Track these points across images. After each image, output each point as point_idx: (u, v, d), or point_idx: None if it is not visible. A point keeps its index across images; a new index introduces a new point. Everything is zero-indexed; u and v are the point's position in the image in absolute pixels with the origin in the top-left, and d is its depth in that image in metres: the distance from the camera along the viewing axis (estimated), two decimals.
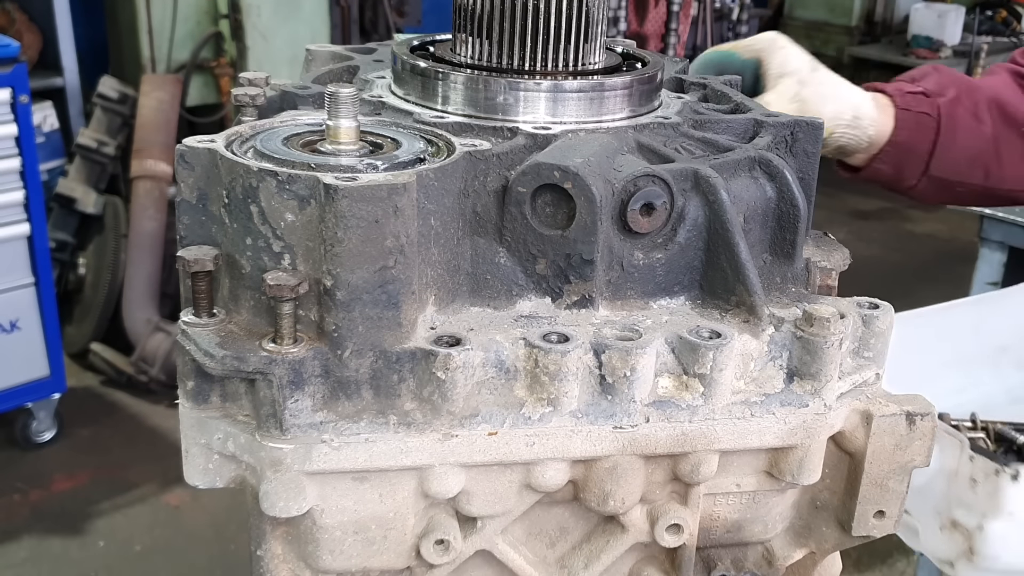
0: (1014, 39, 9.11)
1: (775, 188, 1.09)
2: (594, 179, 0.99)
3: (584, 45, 1.14)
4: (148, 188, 4.98)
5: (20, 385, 4.26)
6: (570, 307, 1.04)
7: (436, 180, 0.96)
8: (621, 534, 1.07)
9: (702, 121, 1.18)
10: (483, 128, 1.08)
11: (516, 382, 0.98)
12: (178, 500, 4.11)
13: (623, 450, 1.00)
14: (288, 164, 0.95)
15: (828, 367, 1.03)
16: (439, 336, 0.96)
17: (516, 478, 1.01)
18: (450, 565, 1.04)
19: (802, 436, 1.04)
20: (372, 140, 1.03)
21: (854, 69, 9.18)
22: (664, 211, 1.03)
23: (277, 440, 0.94)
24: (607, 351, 0.97)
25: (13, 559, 3.77)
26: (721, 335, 1.00)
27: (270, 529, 1.02)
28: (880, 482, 1.10)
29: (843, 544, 1.16)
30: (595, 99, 1.12)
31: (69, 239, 5.05)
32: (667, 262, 1.06)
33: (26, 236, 4.15)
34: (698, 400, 1.00)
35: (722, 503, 1.11)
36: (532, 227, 1.01)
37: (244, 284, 0.96)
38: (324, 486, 0.97)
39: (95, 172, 5.06)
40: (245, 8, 5.23)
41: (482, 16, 1.12)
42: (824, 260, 1.16)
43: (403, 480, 0.98)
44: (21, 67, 4.03)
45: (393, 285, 0.92)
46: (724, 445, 1.02)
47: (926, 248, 7.50)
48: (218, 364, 0.92)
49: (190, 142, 0.98)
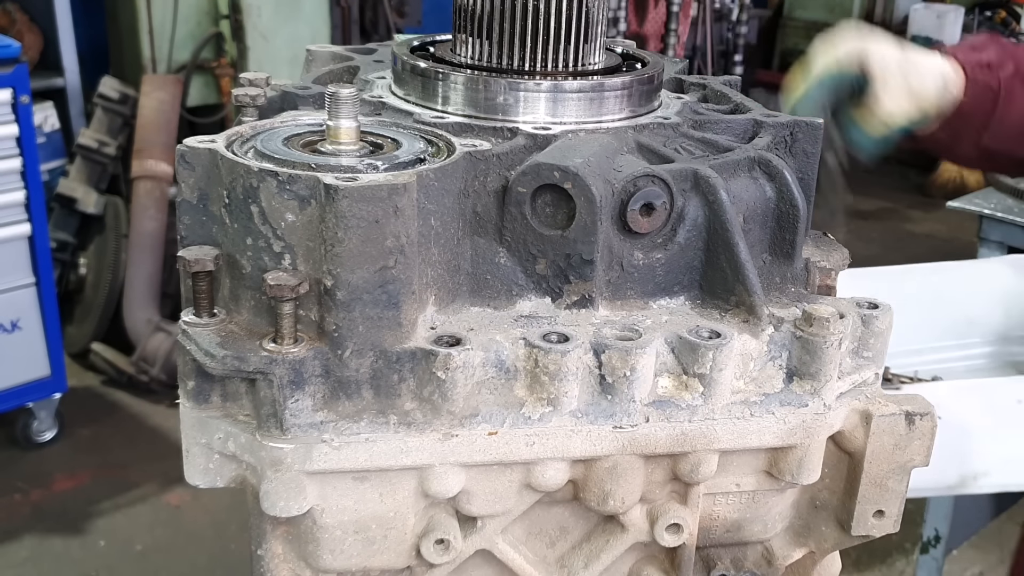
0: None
1: (774, 188, 1.10)
2: (594, 179, 0.99)
3: (584, 45, 1.14)
4: (149, 188, 4.98)
5: (21, 385, 4.26)
6: (570, 307, 1.04)
7: (436, 180, 0.96)
8: (621, 533, 1.08)
9: (702, 121, 1.19)
10: (483, 128, 1.09)
11: (516, 382, 0.99)
12: (179, 500, 4.11)
13: (623, 450, 1.00)
14: (288, 164, 0.95)
15: (827, 367, 1.03)
16: (439, 336, 0.97)
17: (516, 478, 1.01)
18: (450, 564, 1.04)
19: (801, 436, 1.04)
20: (372, 140, 1.04)
21: None
22: (664, 211, 1.04)
23: (278, 440, 0.94)
24: (607, 351, 0.98)
25: (14, 559, 3.78)
26: (721, 335, 1.00)
27: (271, 528, 1.02)
28: (879, 482, 1.10)
29: (842, 543, 1.16)
30: (595, 99, 1.13)
31: (70, 239, 5.05)
32: (667, 262, 1.06)
33: (27, 236, 4.15)
34: (698, 400, 1.01)
35: (722, 503, 1.11)
36: (532, 227, 1.02)
37: (245, 284, 0.97)
38: (324, 486, 0.97)
39: (96, 172, 5.06)
40: (246, 8, 5.23)
41: (482, 17, 1.12)
42: (823, 260, 1.16)
43: (403, 480, 0.98)
44: (22, 67, 4.03)
45: (393, 285, 0.92)
46: (724, 445, 1.02)
47: (925, 248, 7.49)
48: (219, 364, 0.93)
49: (191, 142, 0.98)
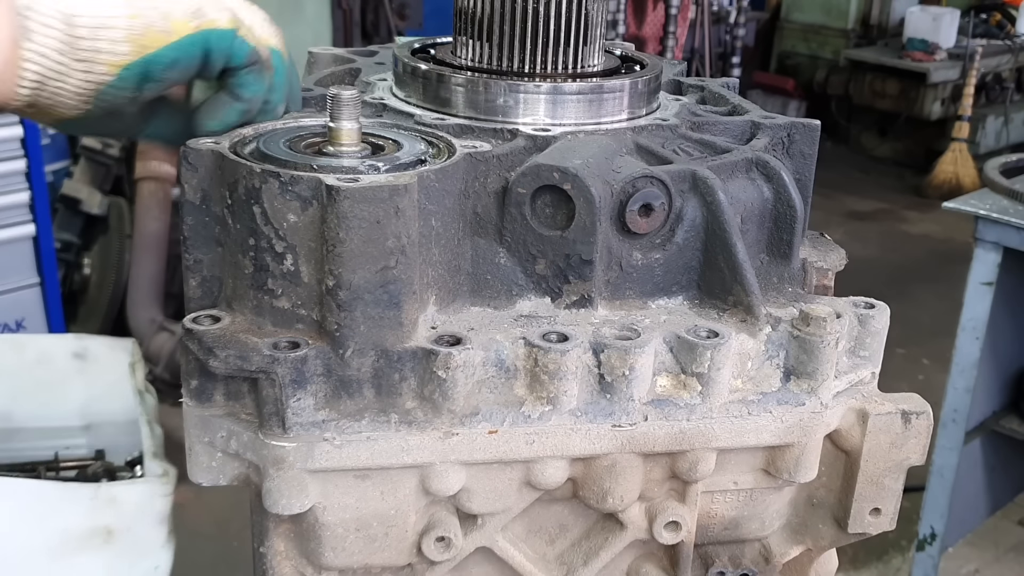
0: (1008, 42, 9.13)
1: (772, 189, 1.10)
2: (593, 180, 1.00)
3: (583, 48, 1.15)
4: (152, 189, 4.99)
5: None
6: (569, 307, 1.05)
7: (437, 181, 0.97)
8: (620, 531, 1.08)
9: (700, 123, 1.19)
10: (483, 130, 1.09)
11: (516, 381, 0.99)
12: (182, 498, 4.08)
13: (622, 448, 1.01)
14: (291, 165, 0.96)
15: (824, 366, 1.04)
16: (440, 335, 0.97)
17: (516, 476, 1.02)
18: (451, 562, 1.05)
19: (799, 434, 1.05)
20: (374, 142, 1.04)
21: (850, 72, 9.20)
22: (662, 212, 1.04)
23: (280, 438, 0.95)
24: (606, 350, 0.98)
25: None
26: (719, 334, 1.01)
27: (273, 526, 1.03)
28: (876, 480, 1.11)
29: (839, 541, 1.17)
30: (594, 101, 1.13)
31: (74, 239, 5.06)
32: (665, 262, 1.07)
33: (31, 237, 4.17)
34: (696, 399, 1.01)
35: (720, 500, 1.12)
36: (532, 228, 1.02)
37: (247, 284, 0.97)
38: (326, 484, 0.98)
39: (100, 173, 5.06)
40: None
41: (482, 19, 1.13)
42: (820, 260, 1.17)
43: (404, 478, 0.99)
44: None
45: (394, 285, 0.93)
46: (722, 443, 1.03)
47: (921, 248, 7.50)
48: (221, 363, 0.93)
49: (194, 143, 0.99)
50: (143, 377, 3.02)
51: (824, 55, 9.65)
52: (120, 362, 3.05)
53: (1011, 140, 9.13)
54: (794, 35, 9.98)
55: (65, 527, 2.39)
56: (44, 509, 2.39)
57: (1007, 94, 9.18)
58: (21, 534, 2.37)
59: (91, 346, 3.11)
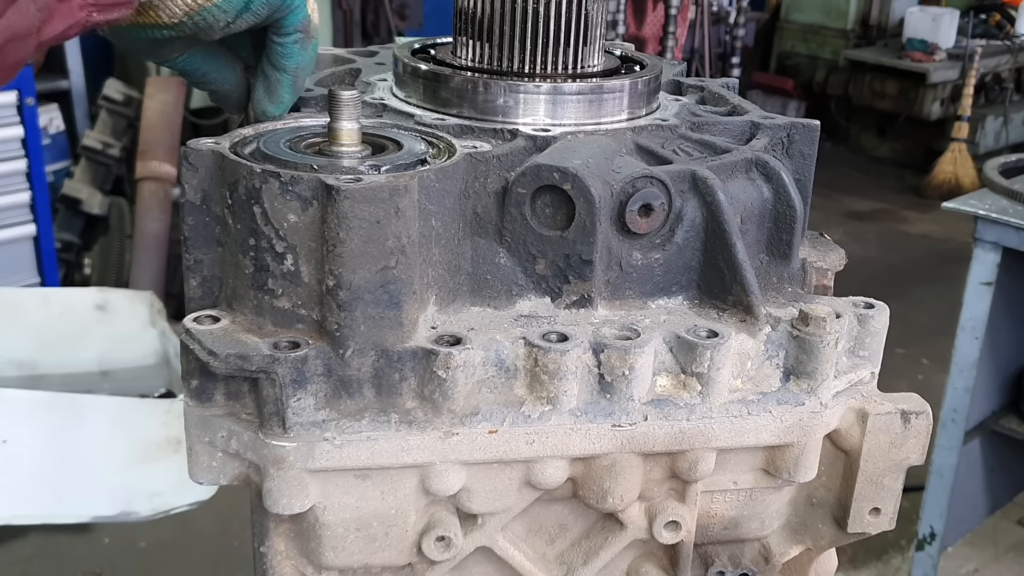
0: (1007, 42, 9.14)
1: (772, 189, 1.11)
2: (593, 180, 1.00)
3: (583, 48, 1.15)
4: (153, 189, 5.00)
5: None
6: (569, 307, 1.05)
7: (437, 181, 0.97)
8: (620, 531, 1.09)
9: (700, 123, 1.19)
10: (483, 130, 1.10)
11: (516, 381, 1.00)
12: None
13: (621, 448, 1.01)
14: (291, 166, 0.96)
15: (824, 366, 1.04)
16: (440, 335, 0.98)
17: (516, 475, 1.02)
18: (451, 562, 1.05)
19: (798, 434, 1.05)
20: (374, 142, 1.05)
21: (850, 72, 9.20)
22: (662, 212, 1.05)
23: (280, 438, 0.95)
24: (606, 350, 0.99)
25: (19, 555, 3.79)
26: (718, 334, 1.01)
27: (273, 526, 1.03)
28: (875, 479, 1.11)
29: (839, 541, 1.17)
30: (594, 101, 1.13)
31: (75, 240, 5.07)
32: (665, 262, 1.07)
33: (32, 237, 4.18)
34: (696, 399, 1.02)
35: (719, 500, 1.12)
36: (532, 228, 1.03)
37: (247, 284, 0.98)
38: (326, 483, 0.98)
39: (100, 174, 5.07)
40: None
41: (482, 19, 1.13)
42: (820, 260, 1.17)
43: (404, 477, 0.99)
44: (27, 70, 4.05)
45: (395, 285, 0.93)
46: (721, 443, 1.03)
47: (921, 248, 7.51)
48: (222, 363, 0.94)
49: (194, 144, 0.99)
50: (165, 321, 3.20)
51: (824, 55, 9.66)
52: (138, 312, 3.23)
53: (1010, 140, 9.14)
54: (794, 35, 9.98)
55: (146, 436, 2.68)
56: (128, 422, 2.67)
57: (1006, 94, 9.19)
58: (111, 443, 2.67)
59: (112, 298, 3.27)
